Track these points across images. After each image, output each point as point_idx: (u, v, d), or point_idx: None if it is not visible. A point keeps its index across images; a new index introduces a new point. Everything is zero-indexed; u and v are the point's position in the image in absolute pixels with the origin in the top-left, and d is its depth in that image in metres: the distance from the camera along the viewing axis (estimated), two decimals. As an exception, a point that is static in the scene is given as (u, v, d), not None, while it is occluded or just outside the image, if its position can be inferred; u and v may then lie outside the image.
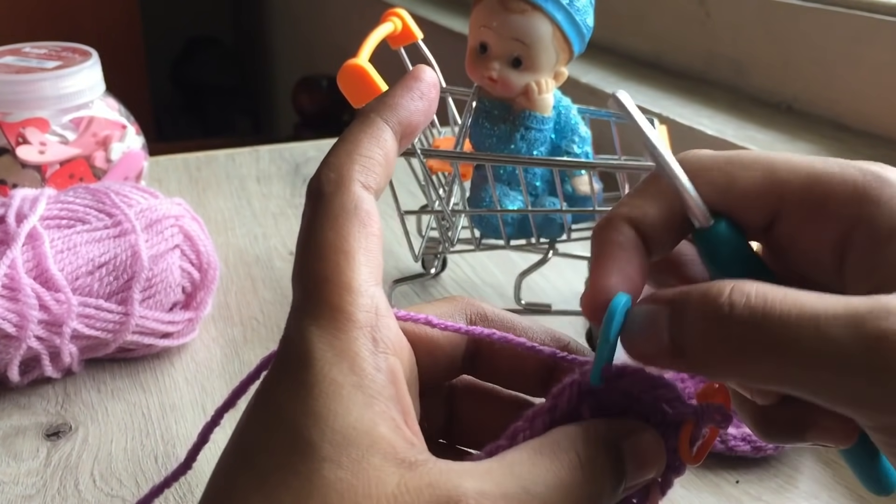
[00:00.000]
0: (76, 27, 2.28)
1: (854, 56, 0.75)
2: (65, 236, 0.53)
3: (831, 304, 0.23)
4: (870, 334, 0.22)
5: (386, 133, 0.29)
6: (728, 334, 0.24)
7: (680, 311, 0.25)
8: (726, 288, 0.24)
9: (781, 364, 0.23)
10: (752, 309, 0.23)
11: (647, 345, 0.26)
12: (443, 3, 1.40)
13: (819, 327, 0.22)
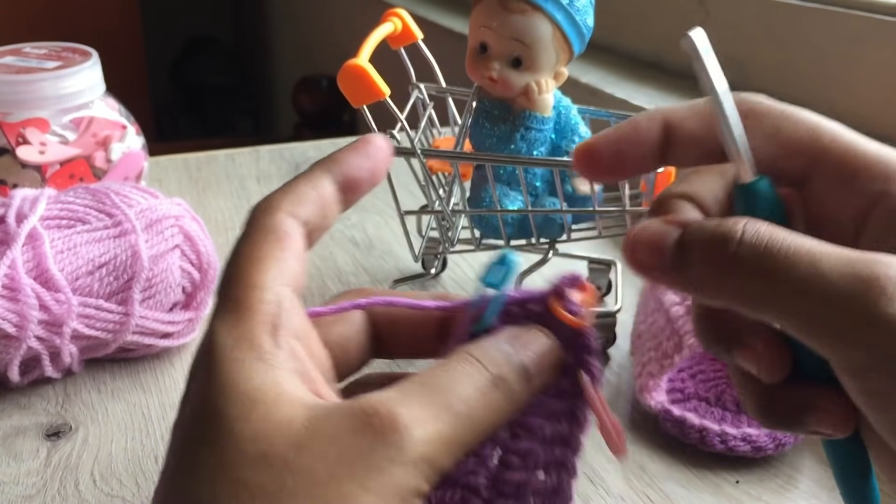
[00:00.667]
0: (76, 27, 2.28)
1: (853, 56, 0.75)
2: (65, 236, 0.53)
3: (830, 248, 0.25)
4: (859, 273, 0.24)
5: (323, 179, 0.31)
6: (733, 255, 0.26)
7: (694, 231, 0.27)
8: (741, 220, 0.26)
9: (775, 288, 0.25)
10: (759, 237, 0.26)
11: (651, 256, 0.28)
12: (443, 3, 1.40)
13: (814, 262, 0.25)
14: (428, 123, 0.63)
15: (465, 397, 0.27)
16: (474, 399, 0.27)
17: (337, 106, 2.16)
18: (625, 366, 0.58)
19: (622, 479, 0.48)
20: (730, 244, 0.26)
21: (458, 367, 0.27)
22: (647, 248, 0.28)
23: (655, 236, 0.28)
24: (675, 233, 0.28)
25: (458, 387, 0.27)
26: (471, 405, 0.26)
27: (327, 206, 0.30)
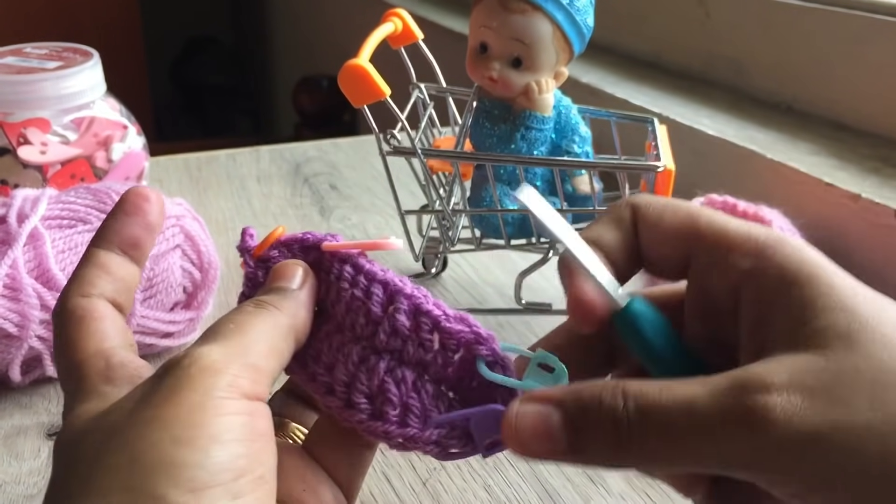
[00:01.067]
0: (76, 27, 2.28)
1: (854, 56, 0.75)
2: (66, 236, 0.54)
3: (699, 387, 0.26)
4: (734, 408, 0.25)
5: (100, 256, 0.33)
6: (628, 430, 0.26)
7: (578, 414, 0.27)
8: (618, 391, 0.27)
9: (674, 445, 0.26)
10: (638, 407, 0.26)
11: (541, 445, 0.28)
12: (443, 3, 1.40)
13: (690, 409, 0.26)
14: (428, 123, 0.64)
15: (232, 321, 0.30)
16: (239, 320, 0.30)
17: (337, 106, 2.15)
18: (625, 365, 0.58)
19: (622, 478, 0.48)
20: (622, 421, 0.27)
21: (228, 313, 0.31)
22: (535, 437, 0.28)
23: (538, 420, 0.28)
24: (554, 415, 0.28)
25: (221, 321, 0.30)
26: (238, 323, 0.30)
27: (117, 273, 0.33)
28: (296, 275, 0.33)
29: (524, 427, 0.28)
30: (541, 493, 0.47)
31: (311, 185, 0.88)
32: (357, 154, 0.97)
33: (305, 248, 0.35)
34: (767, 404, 0.25)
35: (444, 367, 0.32)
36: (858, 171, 0.68)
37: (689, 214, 0.31)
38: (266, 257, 0.35)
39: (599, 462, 0.28)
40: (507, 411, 0.29)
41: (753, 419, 0.25)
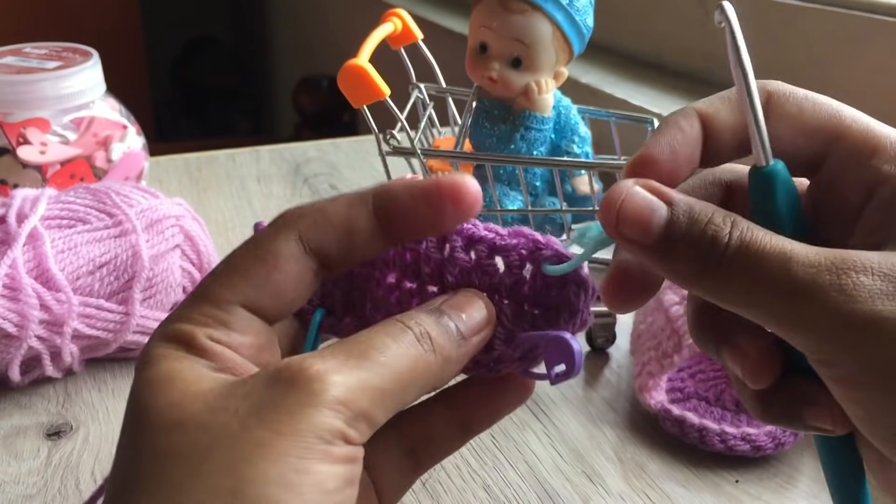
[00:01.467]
0: (76, 27, 2.27)
1: (853, 56, 0.75)
2: (65, 236, 0.53)
3: (803, 248, 0.26)
4: (825, 275, 0.26)
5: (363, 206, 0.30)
6: (721, 257, 0.27)
7: (686, 222, 0.27)
8: (729, 218, 0.27)
9: (753, 288, 0.26)
10: (742, 239, 0.27)
11: (635, 230, 0.28)
12: (443, 4, 1.40)
13: (786, 261, 0.26)
14: (428, 123, 0.64)
15: (384, 348, 0.27)
16: (393, 350, 0.27)
17: (337, 106, 2.15)
18: (625, 366, 0.58)
19: (622, 478, 0.48)
20: (719, 245, 0.27)
21: (380, 327, 0.28)
22: (632, 224, 0.28)
23: (642, 211, 0.28)
24: (662, 211, 0.28)
25: (376, 340, 0.27)
26: (390, 356, 0.27)
27: (355, 237, 0.29)
28: (474, 316, 0.30)
29: (628, 207, 0.28)
30: (540, 493, 0.47)
31: (310, 185, 0.88)
32: (357, 154, 0.97)
33: None
34: (859, 281, 0.25)
35: (519, 285, 0.31)
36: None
37: (834, 110, 0.30)
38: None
39: (677, 274, 0.28)
40: (615, 187, 0.28)
41: (839, 288, 0.25)
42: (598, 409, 0.54)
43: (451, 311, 0.29)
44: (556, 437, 0.51)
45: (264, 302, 0.29)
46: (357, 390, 0.26)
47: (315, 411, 0.25)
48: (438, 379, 0.29)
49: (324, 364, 0.26)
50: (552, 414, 0.53)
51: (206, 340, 0.27)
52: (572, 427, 0.52)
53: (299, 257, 0.29)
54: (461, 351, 0.29)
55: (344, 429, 0.25)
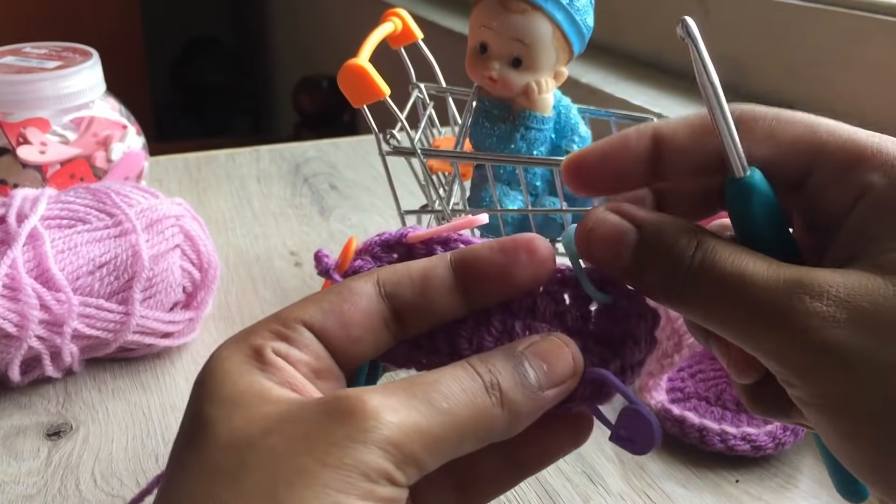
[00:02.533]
0: (76, 27, 2.27)
1: (853, 56, 0.75)
2: (65, 236, 0.53)
3: (764, 267, 0.26)
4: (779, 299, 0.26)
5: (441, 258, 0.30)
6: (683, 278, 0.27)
7: (653, 244, 0.28)
8: (694, 238, 0.28)
9: (714, 307, 0.27)
10: (705, 259, 0.27)
11: (607, 254, 0.29)
12: (443, 3, 1.40)
13: (743, 283, 0.26)
14: (428, 123, 0.64)
15: (448, 394, 0.26)
16: (458, 397, 0.26)
17: (337, 106, 2.15)
18: (625, 365, 0.58)
19: (622, 478, 0.48)
20: (681, 269, 0.27)
21: (449, 369, 0.27)
22: (604, 245, 0.29)
23: (613, 233, 0.28)
24: (632, 233, 0.28)
25: (442, 384, 0.26)
26: (453, 402, 0.26)
27: (431, 283, 0.29)
28: (557, 368, 0.29)
29: (599, 233, 0.29)
30: (540, 493, 0.47)
31: (310, 185, 0.88)
32: (357, 154, 0.97)
33: (389, 247, 0.33)
34: (812, 307, 0.25)
35: (584, 321, 0.31)
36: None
37: (807, 125, 0.29)
38: (353, 269, 0.33)
39: (649, 292, 0.29)
40: (587, 215, 0.29)
41: (792, 314, 0.25)
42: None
43: (532, 358, 0.28)
44: (556, 437, 0.51)
45: (329, 327, 0.28)
46: (411, 434, 0.25)
47: (364, 448, 0.24)
48: (502, 433, 0.27)
49: (382, 401, 0.25)
50: (552, 414, 0.53)
51: (271, 354, 0.27)
52: (572, 427, 0.52)
53: (373, 297, 0.29)
54: (534, 405, 0.28)
55: (391, 471, 0.25)
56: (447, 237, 0.32)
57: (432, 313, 0.30)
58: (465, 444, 0.26)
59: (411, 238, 0.33)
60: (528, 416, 0.28)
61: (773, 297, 0.26)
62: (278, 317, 0.28)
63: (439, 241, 0.32)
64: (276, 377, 0.27)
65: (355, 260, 0.33)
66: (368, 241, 0.34)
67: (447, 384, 0.26)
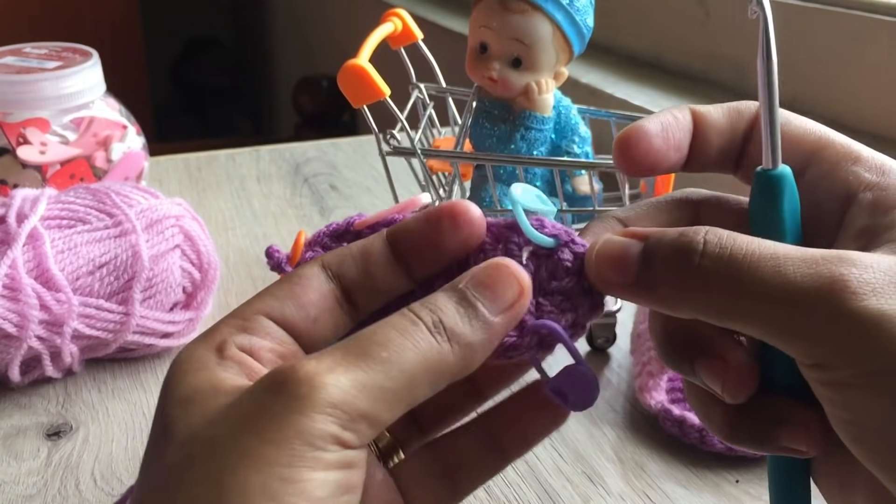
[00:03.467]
0: (76, 27, 2.28)
1: (853, 56, 0.75)
2: (65, 236, 0.53)
3: (793, 250, 0.26)
4: (822, 273, 0.25)
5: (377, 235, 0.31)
6: (697, 267, 0.26)
7: (655, 245, 0.28)
8: (702, 230, 0.27)
9: (741, 296, 0.26)
10: (721, 247, 0.26)
11: (614, 274, 0.28)
12: (443, 3, 1.40)
13: (778, 266, 0.25)
14: (428, 123, 0.64)
15: (387, 343, 0.26)
16: (398, 343, 0.26)
17: (337, 106, 2.15)
18: (625, 365, 0.58)
19: (622, 478, 0.48)
20: (693, 256, 0.26)
21: (385, 320, 0.27)
22: (609, 265, 0.28)
23: (618, 251, 0.28)
24: (636, 247, 0.28)
25: (379, 335, 0.26)
26: (393, 349, 0.25)
27: (371, 259, 0.30)
28: (505, 291, 0.28)
29: (603, 254, 0.29)
30: (540, 493, 0.47)
31: (310, 185, 0.88)
32: (357, 154, 0.97)
33: (337, 236, 0.33)
34: (860, 276, 0.25)
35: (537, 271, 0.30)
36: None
37: (818, 126, 0.31)
38: (304, 261, 0.33)
39: (663, 301, 0.28)
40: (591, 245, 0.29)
41: (841, 285, 0.25)
42: (598, 409, 0.54)
43: (475, 289, 0.28)
44: (556, 438, 0.51)
45: (287, 312, 0.29)
46: (353, 391, 0.24)
47: (303, 417, 0.24)
48: (459, 369, 0.27)
49: (317, 365, 0.25)
50: (552, 414, 0.53)
51: (232, 348, 0.27)
52: (572, 427, 0.52)
53: (322, 278, 0.29)
54: (485, 334, 0.27)
55: (339, 433, 0.24)
56: (392, 219, 0.32)
57: (378, 289, 0.30)
58: (418, 389, 0.26)
59: (358, 224, 0.33)
60: (482, 348, 0.27)
61: (817, 272, 0.25)
62: (236, 313, 0.29)
63: (385, 224, 0.32)
64: (234, 369, 0.27)
65: (306, 252, 0.33)
66: (317, 232, 0.34)
67: (384, 333, 0.26)
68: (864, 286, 0.25)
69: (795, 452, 0.28)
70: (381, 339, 0.26)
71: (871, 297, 0.24)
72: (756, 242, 0.26)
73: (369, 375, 0.25)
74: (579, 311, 0.30)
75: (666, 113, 0.30)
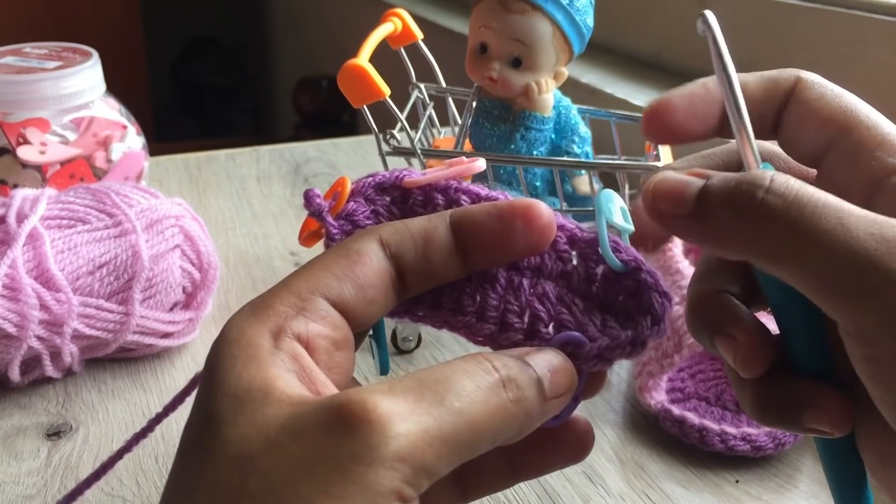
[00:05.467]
0: (76, 27, 2.28)
1: (853, 56, 0.75)
2: (65, 236, 0.53)
3: (858, 209, 0.25)
4: (886, 234, 0.24)
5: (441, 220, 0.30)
6: (760, 202, 0.25)
7: (717, 180, 0.27)
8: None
9: (800, 240, 0.25)
10: (789, 188, 0.25)
11: (670, 204, 0.27)
12: (443, 3, 1.40)
13: (842, 219, 0.24)
14: (428, 123, 0.64)
15: (461, 392, 0.24)
16: (474, 396, 0.25)
17: (337, 106, 2.15)
18: (625, 366, 0.58)
19: (622, 478, 0.48)
20: (757, 191, 0.25)
21: (461, 364, 0.26)
22: (667, 197, 0.27)
23: (678, 184, 0.27)
24: (697, 182, 0.27)
25: (456, 382, 0.25)
26: (469, 401, 0.24)
27: (433, 246, 0.29)
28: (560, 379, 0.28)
29: (663, 187, 0.28)
30: (540, 493, 0.47)
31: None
32: (357, 154, 0.97)
33: (383, 189, 0.32)
34: None
35: (589, 283, 0.31)
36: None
37: (851, 103, 0.30)
38: (347, 212, 0.32)
39: (714, 236, 0.27)
40: (650, 177, 0.28)
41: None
42: (598, 409, 0.54)
43: (538, 364, 0.27)
44: (556, 438, 0.51)
45: (346, 294, 0.28)
46: (423, 444, 0.23)
47: (370, 470, 0.22)
48: (516, 433, 0.26)
49: (391, 407, 0.23)
50: (552, 414, 0.53)
51: (289, 340, 0.26)
52: (572, 427, 0.52)
53: (381, 257, 0.29)
54: (542, 409, 0.27)
55: (401, 488, 0.23)
56: (446, 185, 0.32)
57: (434, 274, 0.29)
58: (480, 445, 0.25)
59: (407, 183, 0.32)
60: (537, 420, 0.27)
61: (880, 232, 0.24)
62: (293, 288, 0.27)
63: (439, 190, 0.31)
64: (287, 364, 0.26)
65: (348, 203, 0.32)
66: (361, 181, 0.33)
67: (460, 381, 0.25)
68: None
69: (820, 433, 0.28)
70: (456, 387, 0.25)
71: None
72: (823, 193, 0.25)
73: (441, 427, 0.24)
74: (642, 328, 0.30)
75: (698, 83, 0.30)
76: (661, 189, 0.28)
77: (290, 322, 0.26)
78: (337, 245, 0.29)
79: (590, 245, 0.31)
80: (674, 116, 0.30)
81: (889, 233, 0.24)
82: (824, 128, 0.30)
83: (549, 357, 0.28)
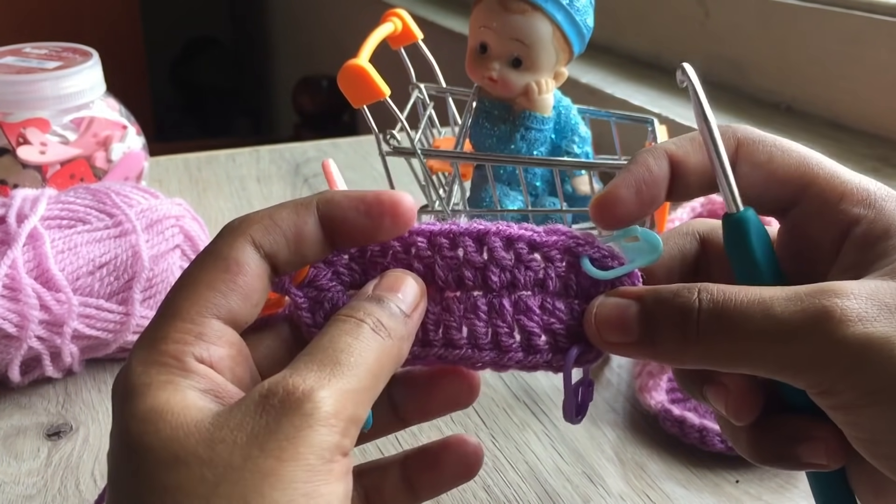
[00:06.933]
0: (76, 27, 2.28)
1: (853, 56, 0.75)
2: (65, 236, 0.53)
3: (779, 291, 0.27)
4: (808, 308, 0.27)
5: (310, 213, 0.31)
6: (697, 324, 0.28)
7: (654, 305, 0.29)
8: (695, 288, 0.29)
9: (739, 343, 0.28)
10: (714, 302, 0.28)
11: (617, 335, 0.30)
12: (443, 4, 1.40)
13: (767, 308, 0.27)
14: (428, 123, 0.64)
15: (349, 349, 0.28)
16: (358, 348, 0.28)
17: (337, 106, 2.15)
18: (625, 366, 0.58)
19: (622, 478, 0.48)
20: (691, 314, 0.28)
21: (335, 328, 0.28)
22: (610, 328, 0.30)
23: (616, 312, 0.30)
24: (633, 307, 0.29)
25: (342, 343, 0.28)
26: (358, 353, 0.28)
27: (304, 241, 0.30)
28: (409, 294, 0.31)
29: (602, 318, 0.30)
30: (540, 493, 0.47)
31: (310, 185, 0.88)
32: (357, 154, 0.97)
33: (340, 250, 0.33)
34: (843, 305, 0.26)
35: (565, 282, 0.32)
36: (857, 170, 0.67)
37: (802, 157, 0.31)
38: (309, 279, 0.33)
39: (666, 357, 0.29)
40: (587, 309, 0.30)
41: (827, 316, 0.26)
42: (598, 409, 0.54)
43: (386, 293, 0.30)
44: (556, 438, 0.51)
45: (235, 308, 0.29)
46: (342, 399, 0.26)
47: (312, 432, 0.25)
48: (399, 359, 0.30)
49: (307, 381, 0.26)
50: (552, 414, 0.53)
51: (193, 362, 0.28)
52: (572, 427, 0.52)
53: (257, 260, 0.30)
54: (409, 328, 0.30)
55: (340, 441, 0.26)
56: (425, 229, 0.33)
57: (305, 263, 0.31)
58: (380, 384, 0.28)
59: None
60: (409, 339, 0.30)
61: (803, 308, 0.27)
62: (183, 315, 0.28)
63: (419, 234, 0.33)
64: (202, 384, 0.27)
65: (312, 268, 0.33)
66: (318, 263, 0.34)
67: (341, 340, 0.28)
68: (849, 314, 0.26)
69: (818, 467, 0.30)
70: (342, 346, 0.28)
71: (856, 323, 0.26)
72: (744, 291, 0.28)
73: (349, 381, 0.27)
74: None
75: (641, 166, 0.31)
76: (603, 318, 0.30)
77: (190, 349, 0.28)
78: (211, 255, 0.30)
79: (552, 246, 0.32)
80: (619, 208, 0.31)
81: (809, 305, 0.27)
82: (783, 189, 0.31)
83: (390, 282, 0.31)
